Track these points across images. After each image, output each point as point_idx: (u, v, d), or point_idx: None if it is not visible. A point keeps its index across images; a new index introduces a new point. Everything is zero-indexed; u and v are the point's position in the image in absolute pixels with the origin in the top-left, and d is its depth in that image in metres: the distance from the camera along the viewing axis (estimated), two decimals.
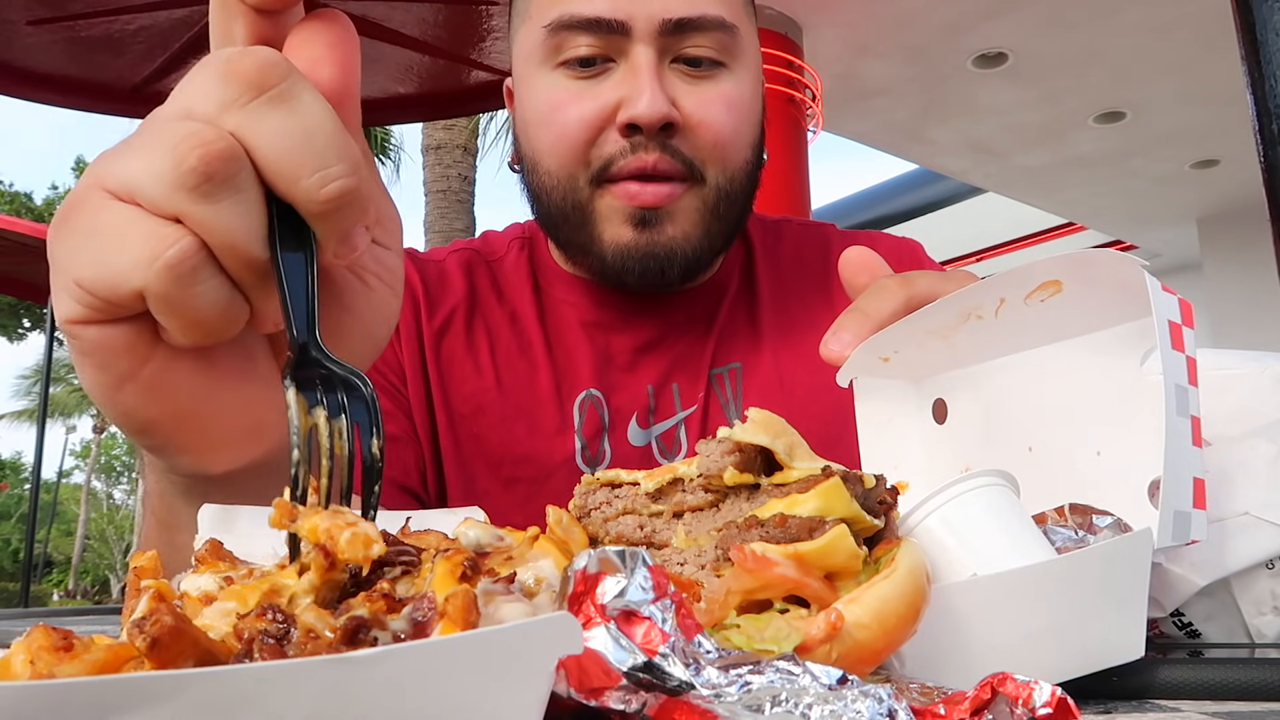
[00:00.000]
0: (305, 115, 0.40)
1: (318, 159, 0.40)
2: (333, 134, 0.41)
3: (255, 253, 0.40)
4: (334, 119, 0.41)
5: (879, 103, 6.35)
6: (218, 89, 0.40)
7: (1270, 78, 0.73)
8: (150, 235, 0.39)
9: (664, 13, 0.89)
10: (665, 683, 0.30)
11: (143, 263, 0.39)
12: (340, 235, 0.42)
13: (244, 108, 0.40)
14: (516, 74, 0.99)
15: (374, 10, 2.33)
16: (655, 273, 0.93)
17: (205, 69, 0.41)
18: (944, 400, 0.71)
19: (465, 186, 10.02)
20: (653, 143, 0.89)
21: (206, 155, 0.39)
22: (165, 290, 0.40)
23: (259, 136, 0.40)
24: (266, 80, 0.40)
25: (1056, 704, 0.32)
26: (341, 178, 0.40)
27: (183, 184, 0.39)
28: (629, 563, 0.33)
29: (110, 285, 0.40)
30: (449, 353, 1.01)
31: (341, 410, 0.39)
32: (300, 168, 0.40)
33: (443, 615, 0.29)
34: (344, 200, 0.40)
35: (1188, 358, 0.54)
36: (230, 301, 0.42)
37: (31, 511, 6.59)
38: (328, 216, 0.41)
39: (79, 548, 31.24)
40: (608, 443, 0.99)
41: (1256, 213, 1.47)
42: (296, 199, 0.40)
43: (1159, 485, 0.51)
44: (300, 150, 0.40)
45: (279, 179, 0.40)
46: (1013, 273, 0.59)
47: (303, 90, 0.41)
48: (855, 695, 0.30)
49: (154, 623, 0.27)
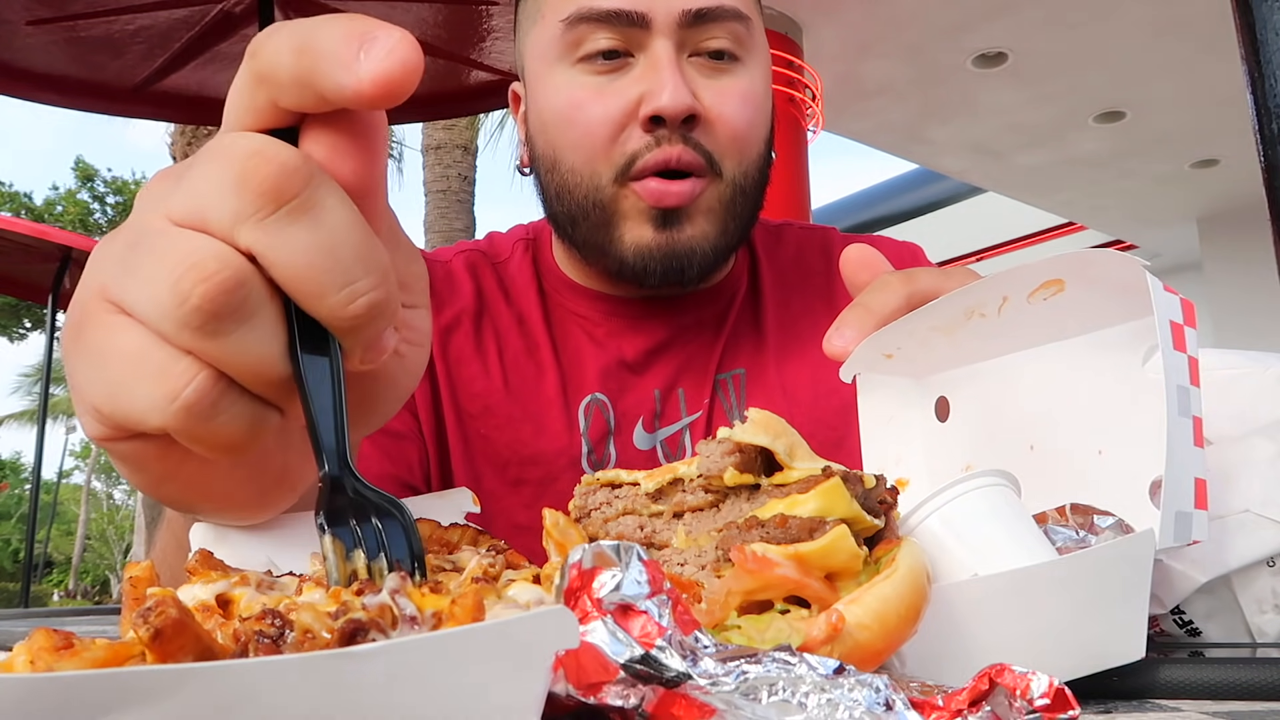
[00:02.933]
0: (329, 227, 0.37)
1: (344, 275, 0.37)
2: (359, 244, 0.37)
3: (277, 372, 0.38)
4: (359, 226, 0.38)
5: (879, 103, 6.35)
6: (232, 198, 0.36)
7: (1270, 78, 0.73)
8: (164, 373, 0.37)
9: (683, 3, 0.89)
10: (663, 674, 0.31)
11: (159, 405, 0.37)
12: (367, 345, 0.39)
13: (261, 223, 0.36)
14: (530, 74, 0.98)
15: (374, 10, 2.33)
16: (676, 272, 0.93)
17: (219, 164, 0.37)
18: (946, 398, 0.71)
19: (465, 186, 10.02)
20: (675, 135, 0.89)
21: (209, 292, 0.35)
22: (187, 427, 0.38)
23: (279, 254, 0.36)
24: (287, 191, 0.36)
25: (1054, 695, 0.32)
26: (369, 292, 0.37)
27: (188, 323, 0.36)
28: (624, 557, 0.33)
29: (129, 420, 0.39)
30: (457, 353, 1.01)
31: (380, 548, 0.37)
32: (325, 285, 0.37)
33: (450, 619, 0.29)
34: (371, 313, 0.38)
35: (1189, 358, 0.54)
36: (258, 419, 0.40)
37: (32, 511, 6.59)
38: (355, 331, 0.38)
39: (79, 548, 31.26)
40: (613, 446, 0.99)
41: (1256, 213, 1.47)
42: (321, 316, 0.37)
43: (1160, 485, 0.51)
44: (324, 266, 0.37)
45: (301, 296, 0.37)
46: (1015, 271, 0.59)
47: (325, 196, 0.37)
48: (852, 684, 0.30)
49: (159, 614, 0.27)
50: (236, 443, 0.39)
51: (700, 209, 0.92)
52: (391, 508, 0.38)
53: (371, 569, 0.37)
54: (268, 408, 0.40)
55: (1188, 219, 8.86)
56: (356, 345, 0.39)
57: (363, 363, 0.40)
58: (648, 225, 0.92)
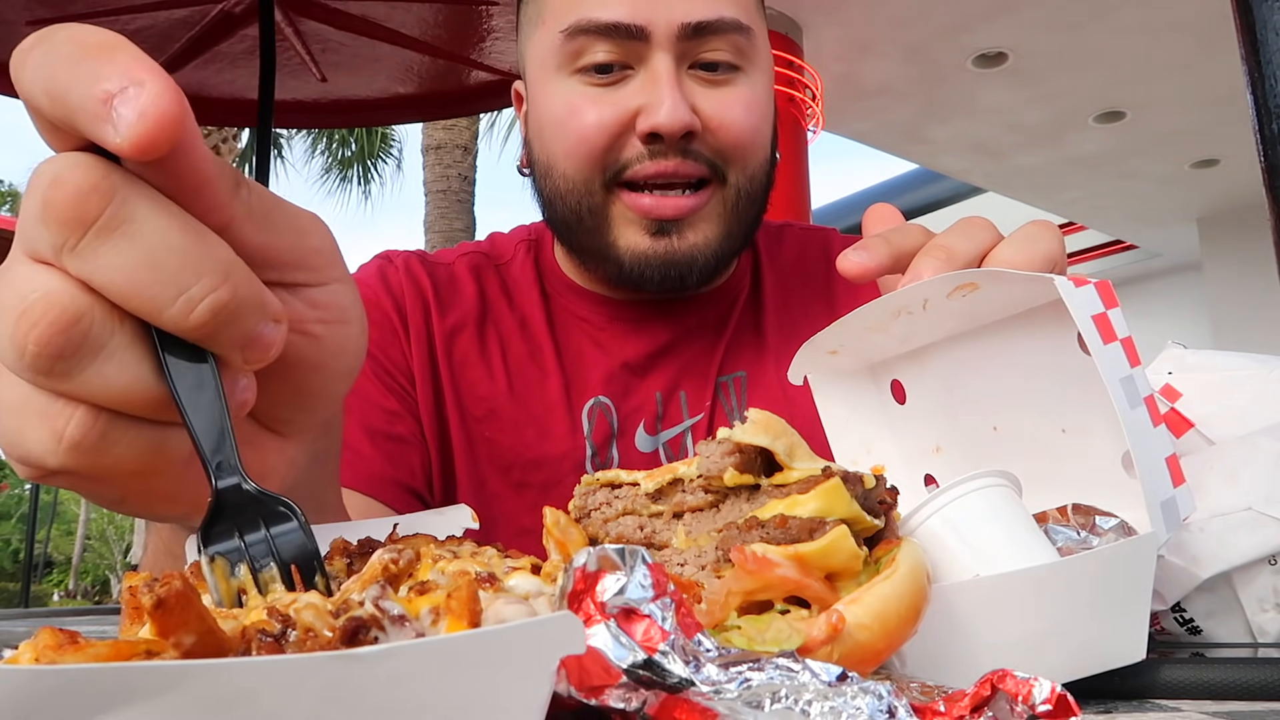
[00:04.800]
0: (143, 239, 0.34)
1: (172, 284, 0.35)
2: (184, 249, 0.35)
3: (152, 395, 0.36)
4: (182, 230, 0.35)
5: (879, 103, 6.35)
6: (44, 230, 0.34)
7: (1270, 78, 0.73)
8: (43, 415, 0.36)
9: (683, 16, 0.89)
10: (665, 680, 0.30)
11: (50, 448, 0.37)
12: (239, 346, 0.37)
13: (75, 250, 0.34)
14: (530, 79, 0.98)
15: (374, 10, 2.33)
16: (675, 279, 0.93)
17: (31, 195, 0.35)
18: (900, 381, 0.72)
19: (465, 186, 10.03)
20: (672, 150, 0.89)
21: (41, 336, 0.34)
22: (84, 463, 0.37)
23: (101, 276, 0.34)
24: (88, 214, 0.34)
25: (1056, 701, 0.32)
26: (207, 295, 0.35)
27: (35, 369, 0.35)
28: (628, 560, 0.33)
29: (32, 466, 0.38)
30: (461, 356, 1.01)
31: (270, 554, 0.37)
32: (157, 299, 0.35)
33: (448, 612, 0.29)
34: (220, 317, 0.35)
35: (1122, 341, 0.52)
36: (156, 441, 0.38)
37: (32, 511, 6.59)
38: (213, 337, 0.36)
39: (79, 548, 31.25)
40: (616, 449, 1.00)
41: (1256, 213, 1.47)
42: (168, 329, 0.36)
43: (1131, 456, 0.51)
44: (149, 280, 0.34)
45: (141, 313, 0.35)
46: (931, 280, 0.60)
47: (135, 208, 0.34)
48: (855, 692, 0.30)
49: (164, 584, 0.27)
50: (140, 468, 0.38)
51: (703, 216, 0.92)
52: (285, 509, 0.38)
53: (259, 579, 0.37)
54: (163, 427, 0.38)
55: (1188, 219, 8.86)
56: (228, 349, 0.37)
57: (246, 363, 0.38)
58: (642, 233, 0.92)
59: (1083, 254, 10.11)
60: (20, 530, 28.87)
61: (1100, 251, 10.03)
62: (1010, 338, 0.64)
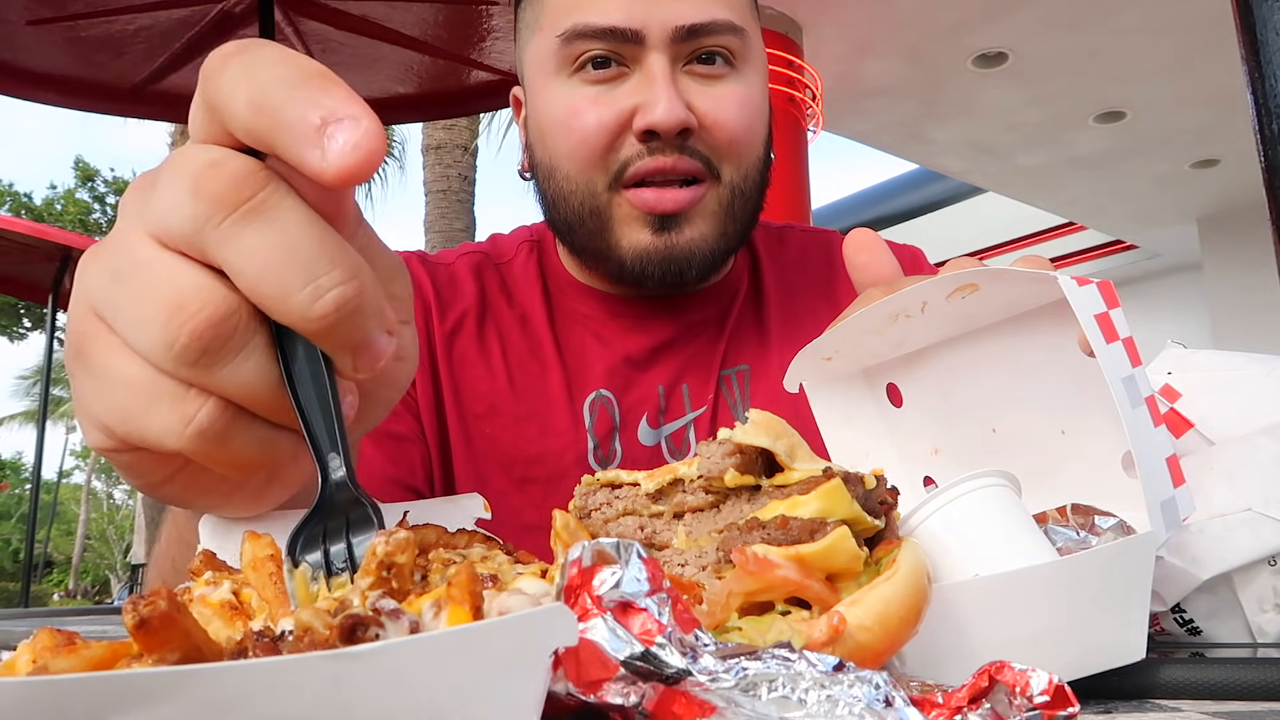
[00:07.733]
0: (285, 226, 0.36)
1: (304, 272, 0.36)
2: (320, 241, 0.36)
3: (276, 400, 0.39)
4: (321, 226, 0.37)
5: (879, 103, 6.35)
6: (189, 206, 0.36)
7: (1270, 78, 0.73)
8: (174, 401, 0.38)
9: (677, 19, 0.91)
10: (663, 671, 0.30)
11: (175, 430, 0.38)
12: (352, 349, 0.38)
13: (218, 228, 0.36)
14: (528, 82, 1.00)
15: (374, 10, 2.33)
16: (675, 275, 0.95)
17: (178, 174, 0.37)
18: (895, 384, 0.72)
19: (465, 186, 10.02)
20: (669, 146, 0.91)
21: (195, 329, 0.36)
22: (203, 451, 0.39)
23: (237, 257, 0.36)
24: (240, 194, 0.36)
25: (1054, 692, 0.32)
26: (336, 286, 0.36)
27: (181, 360, 0.37)
28: (623, 554, 0.33)
29: (144, 442, 0.39)
30: (461, 355, 1.02)
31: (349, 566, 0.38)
32: (286, 284, 0.36)
33: (450, 601, 0.29)
34: (343, 311, 0.36)
35: (1124, 340, 0.52)
36: (269, 442, 0.40)
37: (32, 511, 6.59)
38: (330, 333, 0.37)
39: (79, 548, 31.26)
40: (619, 442, 1.00)
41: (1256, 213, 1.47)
42: (291, 320, 0.36)
43: (1131, 456, 0.51)
44: (283, 265, 0.36)
45: (267, 300, 0.36)
46: (930, 281, 0.60)
47: (282, 199, 0.36)
48: (851, 680, 0.30)
49: (148, 604, 0.27)
50: (250, 463, 0.40)
51: (699, 212, 0.94)
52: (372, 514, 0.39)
53: (331, 585, 0.38)
54: (278, 430, 0.40)
55: (1188, 219, 8.86)
56: (341, 351, 0.38)
57: (356, 370, 0.39)
58: (645, 230, 0.93)
59: (1083, 254, 10.11)
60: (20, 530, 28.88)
61: (1100, 251, 10.04)
62: (1007, 340, 0.64)
